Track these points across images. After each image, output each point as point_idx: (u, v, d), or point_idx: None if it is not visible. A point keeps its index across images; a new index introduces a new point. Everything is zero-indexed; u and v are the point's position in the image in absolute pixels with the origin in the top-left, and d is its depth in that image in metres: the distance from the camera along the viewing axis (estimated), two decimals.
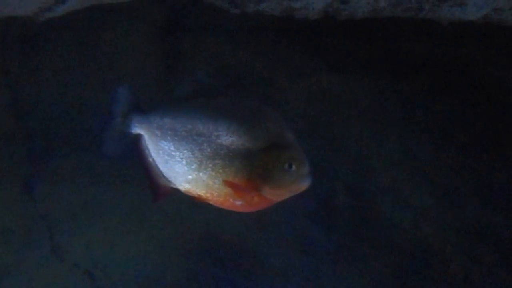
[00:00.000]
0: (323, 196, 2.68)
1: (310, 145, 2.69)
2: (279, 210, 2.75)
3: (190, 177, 1.59)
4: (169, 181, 1.65)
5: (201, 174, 1.57)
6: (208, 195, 1.58)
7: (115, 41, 2.92)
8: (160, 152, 1.64)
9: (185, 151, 1.59)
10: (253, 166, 1.52)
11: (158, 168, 1.66)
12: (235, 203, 1.55)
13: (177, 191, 1.62)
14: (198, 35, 2.94)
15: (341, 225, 2.67)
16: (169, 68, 2.94)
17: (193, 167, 1.58)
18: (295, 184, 1.53)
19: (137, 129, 1.68)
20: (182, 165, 1.60)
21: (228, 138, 1.55)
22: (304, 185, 1.53)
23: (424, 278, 2.54)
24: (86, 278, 2.76)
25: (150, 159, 1.67)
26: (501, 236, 2.51)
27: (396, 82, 2.74)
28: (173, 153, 1.61)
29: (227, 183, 1.53)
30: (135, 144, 1.68)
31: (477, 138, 2.62)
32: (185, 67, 2.93)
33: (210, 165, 1.55)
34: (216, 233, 2.77)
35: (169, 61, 2.94)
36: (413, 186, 2.67)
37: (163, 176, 1.66)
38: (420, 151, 2.71)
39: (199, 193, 1.59)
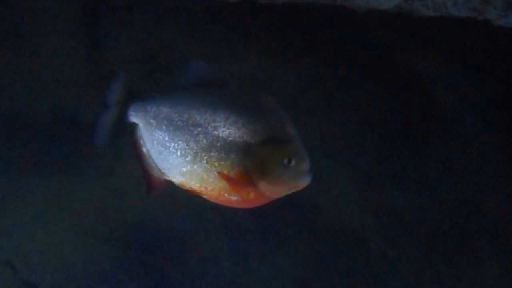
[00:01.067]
0: None
1: None
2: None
3: (184, 169, 1.53)
4: (163, 173, 1.58)
5: (195, 166, 1.51)
6: (202, 188, 1.52)
7: (35, 21, 2.80)
8: (155, 142, 1.57)
9: (180, 142, 1.52)
10: (250, 160, 1.46)
11: (152, 160, 1.59)
12: (230, 198, 1.50)
13: (170, 183, 1.58)
14: (122, 15, 2.89)
15: (267, 210, 2.77)
16: (92, 48, 2.86)
17: (187, 159, 1.52)
18: (293, 180, 1.46)
19: (133, 118, 1.61)
20: (176, 157, 1.53)
21: (225, 130, 1.49)
22: (304, 182, 1.47)
23: (346, 258, 2.71)
24: (7, 269, 2.66)
25: (144, 150, 1.60)
26: (415, 218, 2.74)
27: (318, 68, 2.85)
28: (168, 144, 1.54)
29: (222, 176, 1.48)
30: (130, 134, 1.62)
31: (394, 124, 2.81)
32: (109, 48, 2.87)
33: (205, 158, 1.49)
34: (144, 220, 2.77)
35: (93, 42, 2.87)
36: (335, 171, 2.82)
37: (157, 167, 1.59)
38: (340, 137, 2.86)
39: (193, 186, 1.53)
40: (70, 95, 2.84)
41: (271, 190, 1.48)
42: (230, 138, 1.48)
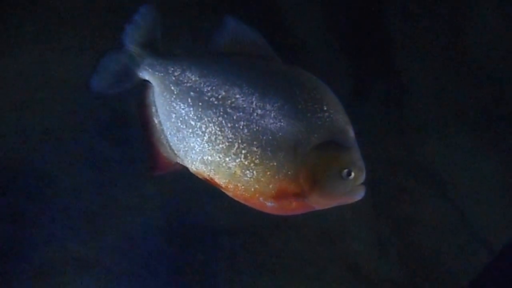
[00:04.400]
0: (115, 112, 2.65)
1: None
2: (68, 127, 2.63)
3: (209, 158, 1.23)
4: (176, 155, 1.28)
5: (228, 159, 1.22)
6: (230, 185, 1.24)
7: None
8: (173, 115, 1.25)
9: (211, 125, 1.21)
10: (302, 165, 1.18)
11: (164, 135, 1.27)
12: (265, 204, 1.23)
13: (184, 168, 1.29)
14: None
15: (130, 139, 2.69)
16: None
17: (218, 147, 1.22)
18: (348, 195, 1.22)
19: (146, 74, 1.26)
20: (201, 141, 1.23)
21: (276, 121, 1.19)
22: (358, 197, 1.23)
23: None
24: None
25: (156, 121, 1.28)
26: None
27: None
28: (192, 122, 1.23)
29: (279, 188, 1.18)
30: (141, 92, 1.28)
31: None
32: None
33: (244, 152, 1.20)
34: None
35: None
36: None
37: (169, 146, 1.28)
38: None
39: (218, 180, 1.25)
40: None
41: (320, 203, 1.24)
42: (280, 133, 1.20)
